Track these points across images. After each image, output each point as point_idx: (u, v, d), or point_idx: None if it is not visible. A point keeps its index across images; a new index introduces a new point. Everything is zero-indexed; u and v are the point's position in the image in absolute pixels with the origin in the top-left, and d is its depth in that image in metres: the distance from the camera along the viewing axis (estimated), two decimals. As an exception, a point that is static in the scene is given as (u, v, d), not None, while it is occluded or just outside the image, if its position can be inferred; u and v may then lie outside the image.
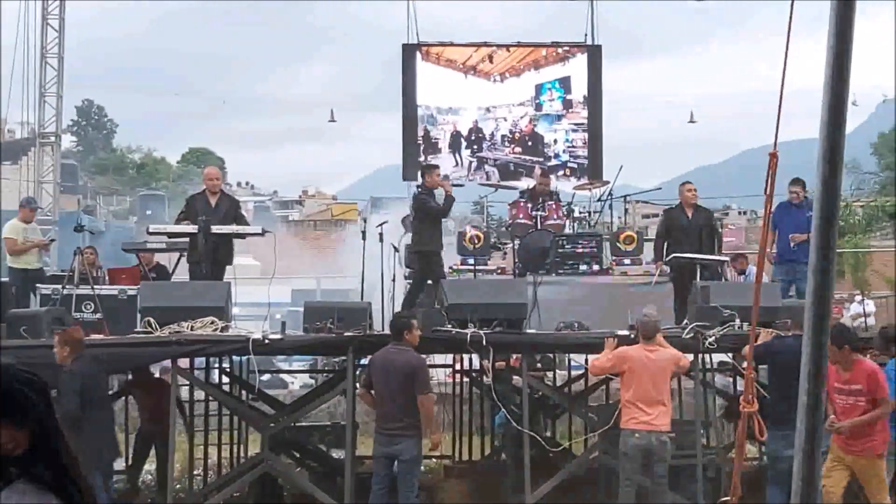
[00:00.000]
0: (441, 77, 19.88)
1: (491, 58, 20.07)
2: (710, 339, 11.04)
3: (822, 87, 3.02)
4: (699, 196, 13.89)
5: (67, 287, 12.11)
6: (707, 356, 12.64)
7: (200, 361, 13.80)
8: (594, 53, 20.78)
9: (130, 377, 13.42)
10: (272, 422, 12.29)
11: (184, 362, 12.32)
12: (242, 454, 14.70)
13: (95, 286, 12.22)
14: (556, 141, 19.97)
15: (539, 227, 14.63)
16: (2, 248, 14.52)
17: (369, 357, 10.50)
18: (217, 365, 14.52)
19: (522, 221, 14.58)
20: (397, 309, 12.54)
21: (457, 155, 19.82)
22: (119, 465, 15.20)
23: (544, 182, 15.81)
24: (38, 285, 12.88)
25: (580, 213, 15.70)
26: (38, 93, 24.90)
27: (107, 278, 13.57)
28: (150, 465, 16.85)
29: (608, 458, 10.61)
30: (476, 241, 14.61)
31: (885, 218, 37.11)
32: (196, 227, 12.10)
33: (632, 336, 10.58)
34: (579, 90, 20.25)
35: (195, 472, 14.03)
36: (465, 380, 15.78)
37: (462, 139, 19.83)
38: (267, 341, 10.93)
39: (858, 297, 26.38)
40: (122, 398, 17.21)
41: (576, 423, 14.95)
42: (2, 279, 13.69)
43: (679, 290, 12.78)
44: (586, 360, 11.43)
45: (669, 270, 13.34)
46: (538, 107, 20.11)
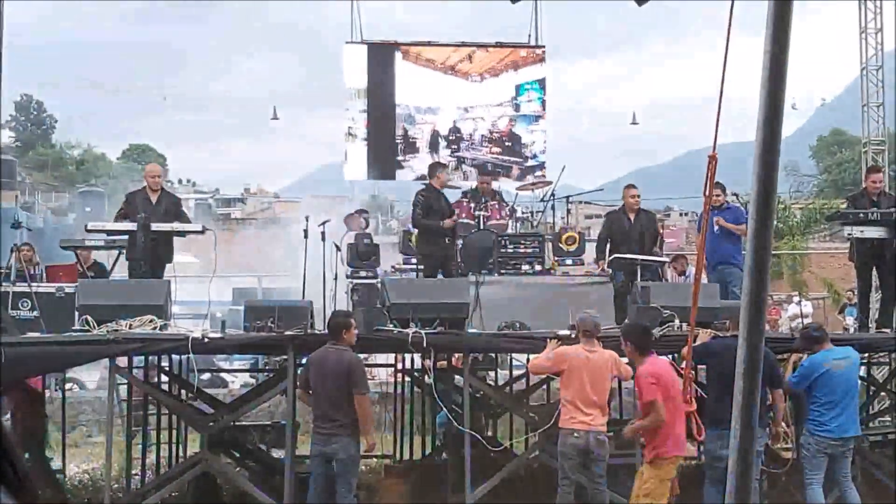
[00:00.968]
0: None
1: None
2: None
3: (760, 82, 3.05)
4: (643, 198, 13.97)
5: (4, 284, 11.94)
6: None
7: (139, 360, 13.67)
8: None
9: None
10: (211, 421, 12.20)
11: (122, 361, 12.20)
12: (181, 454, 14.58)
13: (32, 283, 12.06)
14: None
15: (482, 227, 14.66)
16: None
17: (307, 356, 10.47)
18: (156, 364, 14.39)
19: (465, 221, 14.59)
20: (338, 308, 12.52)
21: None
22: (56, 464, 15.07)
23: (486, 182, 15.84)
24: (-27, 282, 12.68)
25: (523, 213, 15.77)
26: (-25, 88, 24.47)
27: (44, 276, 13.39)
28: (87, 465, 16.72)
29: (548, 457, 10.64)
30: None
31: (822, 220, 37.61)
32: (135, 224, 11.98)
33: (572, 336, 10.62)
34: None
35: (133, 472, 13.89)
36: (407, 379, 15.77)
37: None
38: (207, 340, 10.85)
39: (796, 299, 26.73)
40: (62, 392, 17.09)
41: (517, 423, 14.98)
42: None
43: (619, 291, 12.86)
44: (528, 360, 11.46)
45: (611, 272, 13.41)
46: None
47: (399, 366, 15.81)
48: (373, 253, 14.15)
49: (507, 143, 19.98)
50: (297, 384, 10.60)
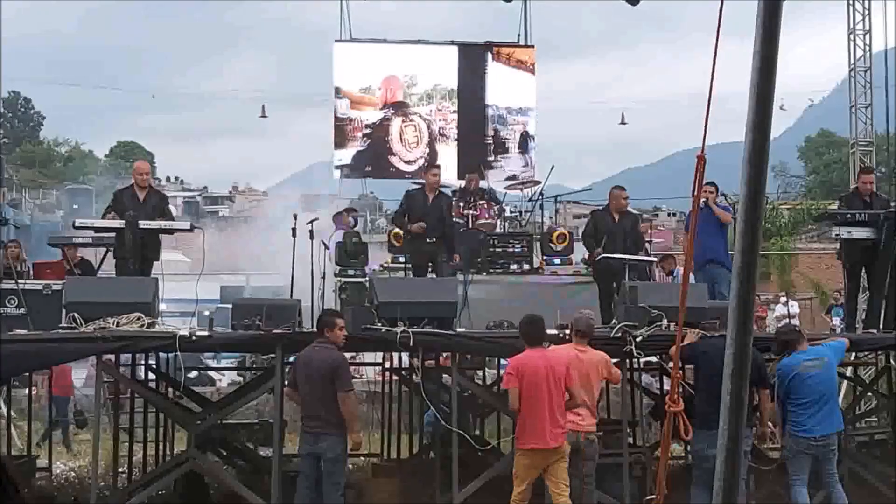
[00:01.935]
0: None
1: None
2: (638, 339, 11.13)
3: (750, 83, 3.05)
4: (632, 198, 13.98)
5: (-9, 281, 11.88)
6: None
7: (126, 358, 13.64)
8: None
9: None
10: (199, 419, 12.17)
11: (109, 359, 12.16)
12: (168, 452, 14.56)
13: (20, 280, 12.00)
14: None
15: (470, 226, 14.65)
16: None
17: (294, 355, 10.45)
18: (143, 362, 14.36)
19: (454, 220, 14.58)
20: (326, 306, 12.51)
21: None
22: (42, 462, 15.04)
23: (475, 181, 15.83)
24: (-40, 280, 12.62)
25: (511, 212, 15.77)
26: (-37, 84, 24.44)
27: (31, 273, 13.34)
28: (73, 463, 16.70)
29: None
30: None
31: (810, 221, 37.72)
32: (123, 221, 11.96)
33: (560, 335, 10.63)
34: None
35: (120, 470, 13.86)
36: (395, 378, 15.75)
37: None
38: (194, 338, 10.81)
39: (783, 299, 26.84)
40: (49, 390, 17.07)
41: (504, 422, 14.96)
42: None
43: (606, 291, 12.86)
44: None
45: (596, 271, 13.41)
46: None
47: (387, 364, 15.80)
48: (361, 252, 14.15)
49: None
50: (285, 383, 10.60)
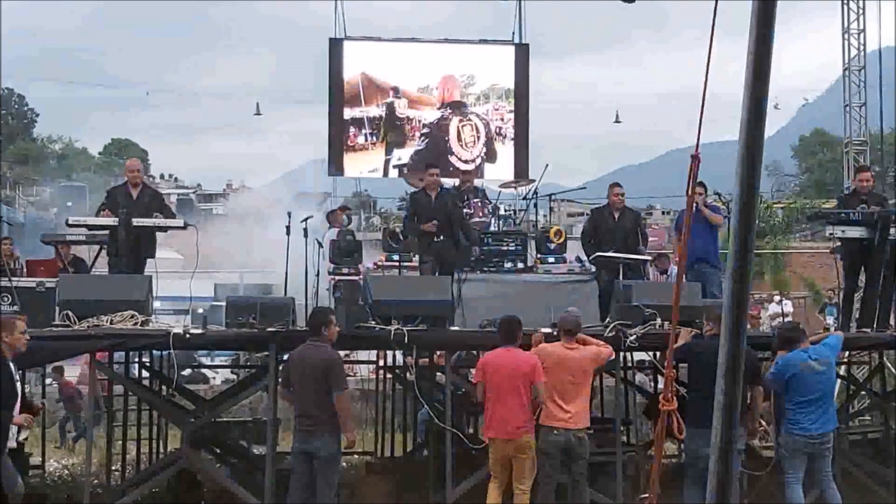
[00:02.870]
0: None
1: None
2: (632, 338, 11.14)
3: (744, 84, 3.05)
4: (626, 196, 13.95)
5: (-17, 278, 11.86)
6: (628, 354, 12.76)
7: (120, 356, 13.64)
8: (522, 51, 20.97)
9: None
10: (192, 417, 12.17)
11: (103, 356, 12.16)
12: (162, 450, 14.56)
13: (13, 278, 11.99)
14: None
15: (464, 224, 14.62)
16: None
17: (288, 354, 10.45)
18: (137, 359, 14.36)
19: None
20: (320, 305, 12.50)
21: None
22: (36, 460, 15.01)
23: (469, 179, 15.82)
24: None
25: (505, 211, 15.73)
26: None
27: (24, 270, 13.33)
28: (66, 461, 16.68)
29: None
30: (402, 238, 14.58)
31: (804, 220, 37.76)
32: (116, 219, 11.94)
33: (554, 333, 10.63)
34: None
35: (113, 468, 13.85)
36: (389, 376, 15.76)
37: None
38: (188, 336, 10.80)
39: (777, 298, 26.86)
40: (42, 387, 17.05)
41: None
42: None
43: (603, 289, 12.86)
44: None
45: (594, 269, 13.42)
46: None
47: (381, 363, 15.80)
48: (355, 250, 14.11)
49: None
50: (278, 381, 10.59)
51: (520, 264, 13.97)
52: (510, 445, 9.98)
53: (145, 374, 14.33)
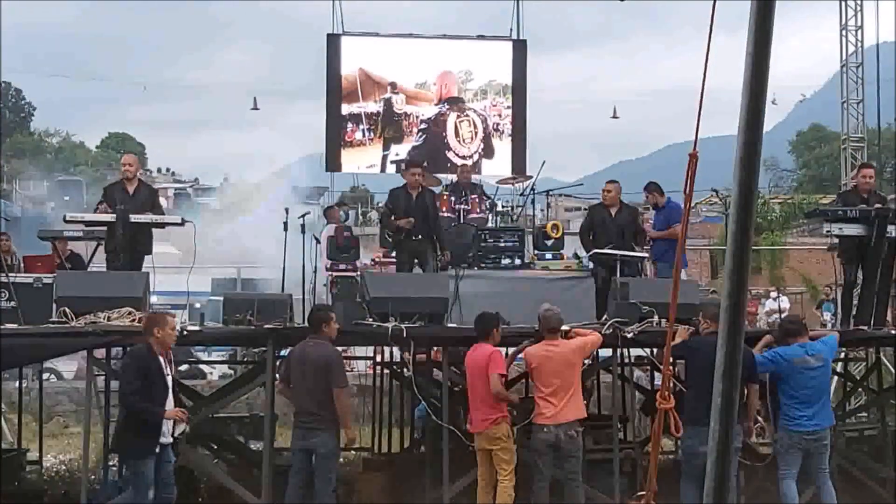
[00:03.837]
0: None
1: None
2: (629, 335, 11.14)
3: (742, 83, 3.03)
4: (623, 192, 13.93)
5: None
6: (626, 350, 12.76)
7: (117, 351, 13.62)
8: (519, 47, 20.97)
9: None
10: (190, 413, 12.15)
11: (100, 352, 12.14)
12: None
13: (10, 274, 11.96)
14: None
15: (462, 220, 14.64)
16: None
17: (288, 350, 10.45)
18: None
19: (445, 215, 14.57)
20: (318, 301, 12.50)
21: None
22: (33, 455, 15.01)
23: (467, 175, 15.82)
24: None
25: (503, 207, 15.74)
26: (-47, 74, 24.35)
27: (22, 266, 13.30)
28: (64, 455, 16.67)
29: (526, 452, 10.66)
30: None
31: (801, 215, 37.75)
32: (114, 215, 11.92)
33: (535, 329, 10.68)
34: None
35: (110, 463, 13.84)
36: (386, 372, 15.76)
37: None
38: (185, 333, 10.80)
39: (774, 294, 26.89)
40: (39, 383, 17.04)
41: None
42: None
43: (600, 286, 12.86)
44: (506, 354, 11.45)
45: (592, 266, 13.40)
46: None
47: (378, 359, 15.80)
48: (352, 246, 14.11)
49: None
50: (278, 378, 10.60)
51: (517, 260, 13.97)
52: (482, 438, 10.35)
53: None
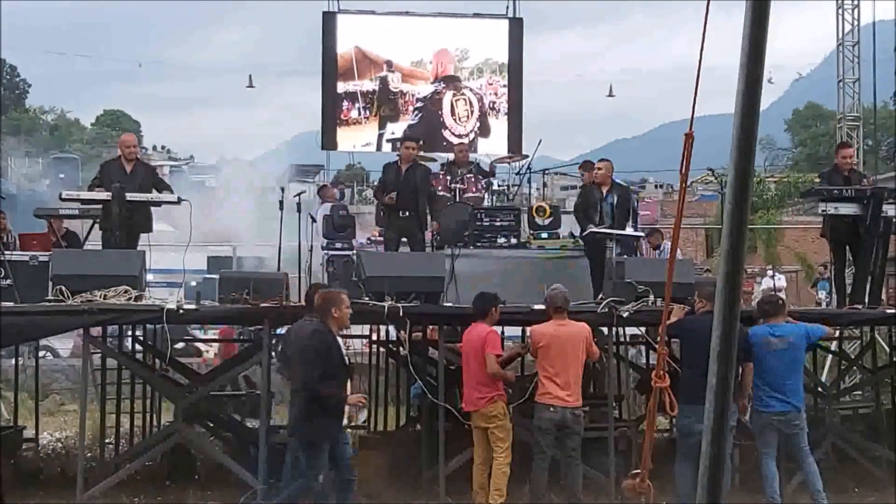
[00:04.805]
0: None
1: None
2: (624, 315, 11.17)
3: (739, 64, 3.03)
4: (616, 171, 13.89)
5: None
6: (620, 329, 12.79)
7: (113, 329, 13.64)
8: (515, 25, 20.90)
9: None
10: (186, 392, 12.19)
11: (96, 331, 12.16)
12: (155, 423, 14.58)
13: (6, 252, 11.96)
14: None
15: (457, 199, 14.64)
16: None
17: (286, 329, 10.47)
18: (130, 333, 14.36)
19: (441, 194, 14.57)
20: (314, 280, 12.51)
21: None
22: (29, 433, 15.04)
23: (463, 154, 15.79)
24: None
25: (499, 186, 15.72)
26: (-53, 51, 24.26)
27: (17, 243, 13.29)
28: (60, 433, 16.70)
29: (522, 431, 10.70)
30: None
31: (797, 194, 37.77)
32: (109, 193, 11.92)
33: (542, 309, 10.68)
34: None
35: (107, 441, 13.89)
36: (382, 351, 15.78)
37: None
38: (181, 311, 10.82)
39: (770, 272, 26.94)
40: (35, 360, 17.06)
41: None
42: None
43: (595, 266, 12.87)
44: (502, 333, 11.50)
45: (585, 245, 13.40)
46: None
47: (374, 337, 15.82)
48: (348, 225, 14.11)
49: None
50: (276, 358, 10.63)
51: (513, 240, 13.97)
52: (478, 416, 10.39)
53: (138, 347, 14.34)
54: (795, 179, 44.17)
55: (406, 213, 13.17)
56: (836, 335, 14.66)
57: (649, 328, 12.07)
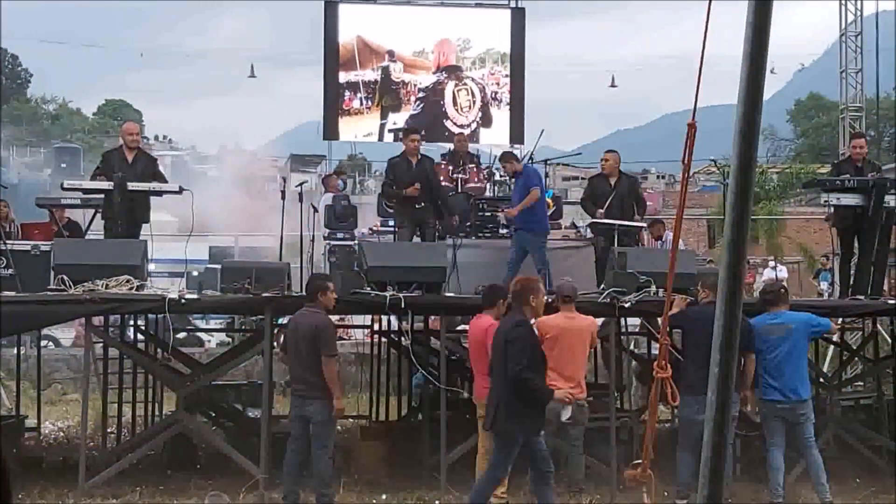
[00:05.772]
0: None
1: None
2: (627, 305, 11.17)
3: (741, 53, 3.02)
4: (621, 161, 13.88)
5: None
6: (622, 319, 12.79)
7: (115, 318, 13.64)
8: (518, 15, 20.88)
9: None
10: (188, 381, 12.20)
11: (98, 320, 12.16)
12: (157, 412, 14.60)
13: (8, 241, 11.96)
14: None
15: (459, 189, 14.63)
16: None
17: (288, 318, 10.48)
18: (132, 322, 14.36)
19: (443, 184, 14.56)
20: (316, 270, 12.51)
21: None
22: (31, 422, 15.06)
23: (464, 144, 15.78)
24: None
25: (501, 176, 15.69)
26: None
27: (19, 233, 13.30)
28: (62, 423, 16.73)
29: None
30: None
31: (799, 185, 37.73)
32: (111, 183, 11.91)
33: (549, 301, 10.65)
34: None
35: (109, 430, 13.90)
36: (384, 340, 15.79)
37: None
38: (183, 301, 10.83)
39: (772, 263, 26.92)
40: (37, 350, 17.08)
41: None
42: None
43: (599, 256, 12.87)
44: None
45: (590, 235, 13.40)
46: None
47: (376, 327, 15.83)
48: (350, 215, 14.12)
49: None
50: (278, 347, 10.64)
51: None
52: (482, 406, 10.04)
53: (140, 337, 14.35)
54: (798, 170, 44.07)
55: (421, 204, 13.11)
56: (839, 326, 14.64)
57: (651, 318, 12.06)
